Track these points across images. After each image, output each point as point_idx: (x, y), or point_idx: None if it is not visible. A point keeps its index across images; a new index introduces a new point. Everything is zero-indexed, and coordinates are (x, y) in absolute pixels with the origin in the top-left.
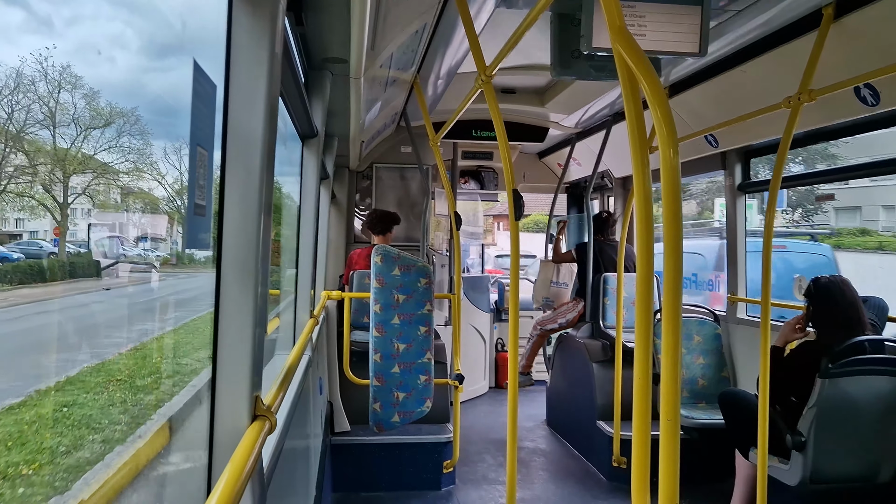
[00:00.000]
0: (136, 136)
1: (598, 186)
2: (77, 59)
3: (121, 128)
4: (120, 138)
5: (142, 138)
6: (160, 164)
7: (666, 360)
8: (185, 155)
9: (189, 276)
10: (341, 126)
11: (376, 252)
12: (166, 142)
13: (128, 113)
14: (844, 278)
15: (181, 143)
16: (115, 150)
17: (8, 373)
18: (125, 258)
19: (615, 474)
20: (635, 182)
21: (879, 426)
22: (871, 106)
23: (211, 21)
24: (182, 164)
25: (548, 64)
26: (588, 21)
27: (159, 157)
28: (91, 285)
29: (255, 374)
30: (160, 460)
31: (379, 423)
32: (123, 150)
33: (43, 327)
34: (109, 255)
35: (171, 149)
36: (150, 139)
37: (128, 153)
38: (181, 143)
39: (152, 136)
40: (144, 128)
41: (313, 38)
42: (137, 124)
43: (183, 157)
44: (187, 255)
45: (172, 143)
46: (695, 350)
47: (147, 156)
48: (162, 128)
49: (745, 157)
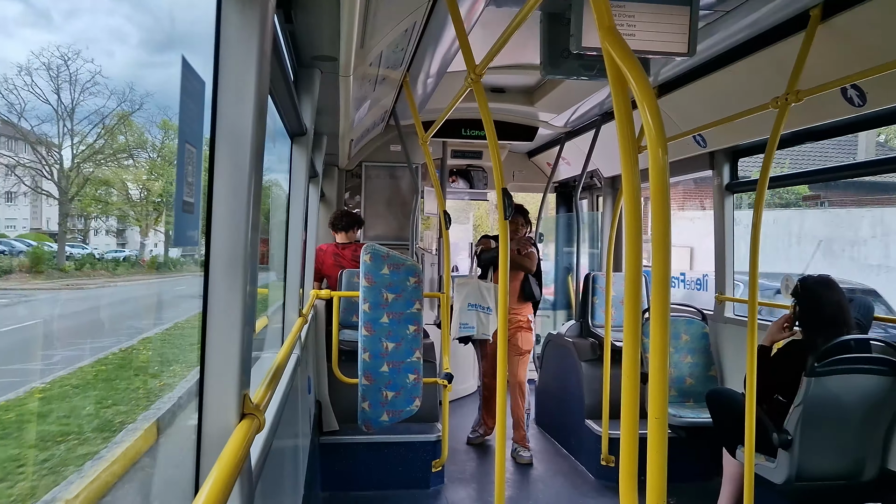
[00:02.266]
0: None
1: (587, 186)
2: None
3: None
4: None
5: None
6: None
7: (654, 359)
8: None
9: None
10: (331, 124)
11: (366, 251)
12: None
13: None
14: (831, 278)
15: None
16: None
17: None
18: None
19: (603, 473)
20: (624, 181)
21: (864, 425)
22: (857, 107)
23: (199, 18)
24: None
25: (537, 63)
26: (577, 20)
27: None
28: None
29: (243, 372)
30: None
31: (368, 422)
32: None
33: None
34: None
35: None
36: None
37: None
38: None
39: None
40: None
41: (302, 36)
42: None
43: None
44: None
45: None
46: (682, 349)
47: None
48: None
49: (733, 157)
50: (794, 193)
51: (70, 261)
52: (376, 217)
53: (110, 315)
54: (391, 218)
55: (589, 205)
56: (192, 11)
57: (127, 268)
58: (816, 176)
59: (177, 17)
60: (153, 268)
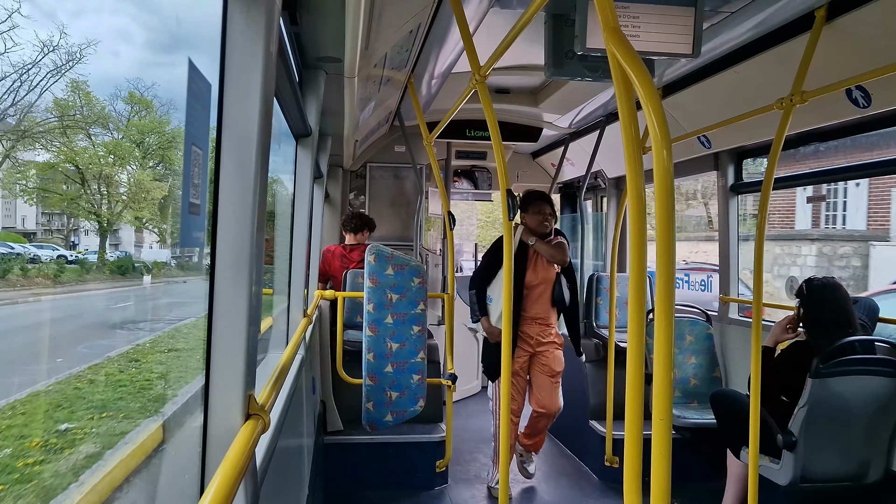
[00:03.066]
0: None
1: (591, 187)
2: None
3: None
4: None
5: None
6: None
7: (658, 360)
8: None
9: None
10: (335, 125)
11: (370, 252)
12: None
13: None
14: (836, 280)
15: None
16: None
17: None
18: None
19: (607, 474)
20: (628, 182)
21: (869, 426)
22: (862, 108)
23: (206, 20)
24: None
25: (542, 64)
26: (582, 22)
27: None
28: None
29: (248, 372)
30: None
31: (372, 423)
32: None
33: None
34: None
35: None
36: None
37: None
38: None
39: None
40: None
41: (308, 38)
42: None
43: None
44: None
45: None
46: (687, 350)
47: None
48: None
49: (737, 158)
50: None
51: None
52: (381, 218)
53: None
54: (395, 218)
55: (593, 206)
56: (197, 12)
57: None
58: (821, 177)
59: (183, 18)
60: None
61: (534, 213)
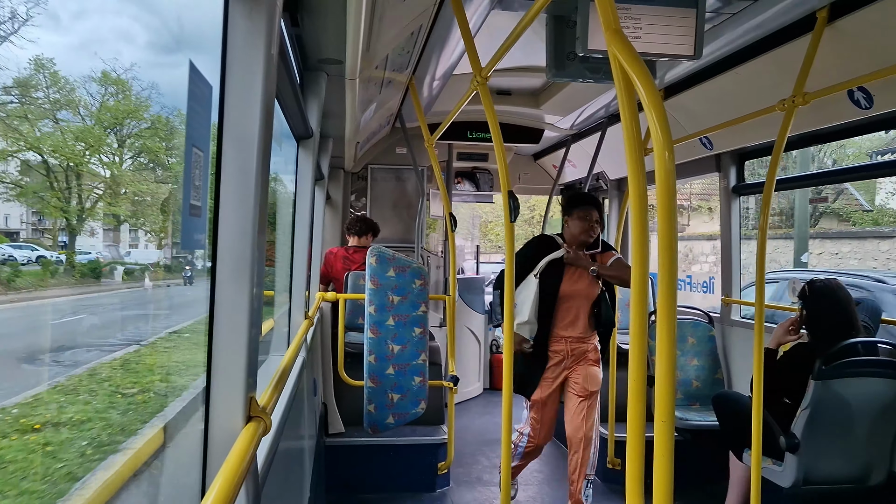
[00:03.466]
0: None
1: (593, 188)
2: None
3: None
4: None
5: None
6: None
7: (660, 362)
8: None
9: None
10: (336, 127)
11: (371, 253)
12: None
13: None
14: (839, 281)
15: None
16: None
17: None
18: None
19: (610, 476)
20: (630, 184)
21: (872, 428)
22: (864, 109)
23: (206, 22)
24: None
25: (543, 66)
26: (583, 23)
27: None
28: None
29: (249, 374)
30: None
31: (373, 425)
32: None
33: None
34: None
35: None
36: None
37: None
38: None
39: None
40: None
41: (309, 39)
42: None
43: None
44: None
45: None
46: (689, 352)
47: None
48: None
49: (739, 160)
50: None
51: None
52: (382, 219)
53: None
54: (397, 220)
55: None
56: (197, 12)
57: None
58: (823, 178)
59: (184, 18)
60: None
61: (578, 219)
